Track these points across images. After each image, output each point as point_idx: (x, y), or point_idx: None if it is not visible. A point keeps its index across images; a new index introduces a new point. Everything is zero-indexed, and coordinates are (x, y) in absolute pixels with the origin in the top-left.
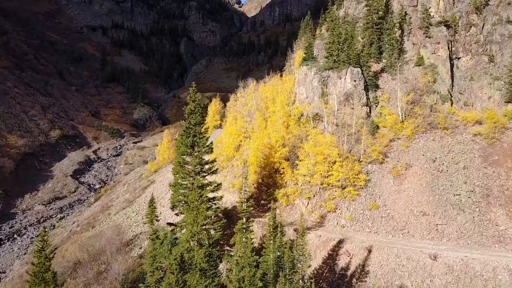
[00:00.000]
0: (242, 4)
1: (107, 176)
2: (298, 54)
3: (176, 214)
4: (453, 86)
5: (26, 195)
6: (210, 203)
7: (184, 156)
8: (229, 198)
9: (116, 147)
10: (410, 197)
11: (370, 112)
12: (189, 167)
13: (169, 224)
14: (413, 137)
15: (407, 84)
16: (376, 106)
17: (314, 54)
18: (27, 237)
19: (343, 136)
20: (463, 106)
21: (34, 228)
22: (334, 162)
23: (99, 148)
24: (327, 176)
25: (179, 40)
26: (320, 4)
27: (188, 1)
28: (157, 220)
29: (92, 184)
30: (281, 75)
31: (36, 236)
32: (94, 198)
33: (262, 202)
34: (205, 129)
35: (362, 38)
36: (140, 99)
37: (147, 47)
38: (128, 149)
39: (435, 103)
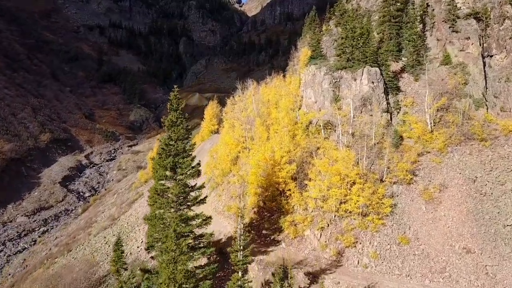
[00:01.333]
0: (243, 4)
1: (98, 183)
2: (303, 52)
3: (152, 257)
4: (486, 88)
5: (9, 205)
6: (197, 240)
7: (163, 182)
8: (224, 225)
9: (110, 151)
10: (448, 228)
11: (391, 119)
12: (170, 195)
13: (143, 270)
14: (446, 151)
15: (432, 86)
16: (398, 112)
17: (323, 52)
18: (4, 255)
19: (362, 150)
20: (500, 112)
21: (13, 244)
22: (353, 183)
23: (91, 152)
24: (345, 202)
25: (178, 40)
26: (322, 2)
27: (188, 0)
28: (125, 269)
29: (82, 192)
30: (283, 76)
31: (14, 254)
32: (82, 209)
33: (264, 232)
34: (190, 146)
35: (378, 34)
36: (137, 100)
37: (146, 46)
38: (122, 153)
39: (468, 109)
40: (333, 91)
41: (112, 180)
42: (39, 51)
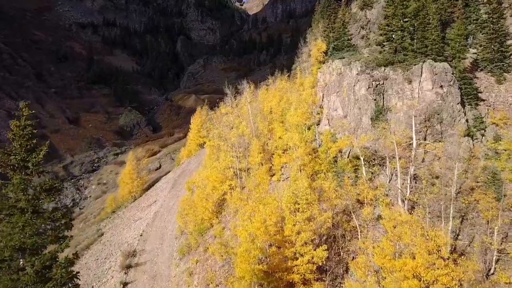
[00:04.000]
0: (243, 2)
1: (73, 200)
2: (315, 45)
3: None
4: None
5: None
6: None
7: None
8: None
9: (93, 160)
10: None
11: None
12: None
13: None
14: None
15: None
16: (483, 135)
17: (351, 41)
18: None
19: (444, 213)
20: None
21: None
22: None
23: (71, 162)
24: None
25: (175, 39)
26: None
27: None
28: None
29: None
30: (288, 76)
31: None
32: None
33: None
34: (64, 246)
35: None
36: (127, 103)
37: (141, 45)
38: (107, 162)
39: None
40: (375, 100)
41: (90, 196)
42: (25, 50)
